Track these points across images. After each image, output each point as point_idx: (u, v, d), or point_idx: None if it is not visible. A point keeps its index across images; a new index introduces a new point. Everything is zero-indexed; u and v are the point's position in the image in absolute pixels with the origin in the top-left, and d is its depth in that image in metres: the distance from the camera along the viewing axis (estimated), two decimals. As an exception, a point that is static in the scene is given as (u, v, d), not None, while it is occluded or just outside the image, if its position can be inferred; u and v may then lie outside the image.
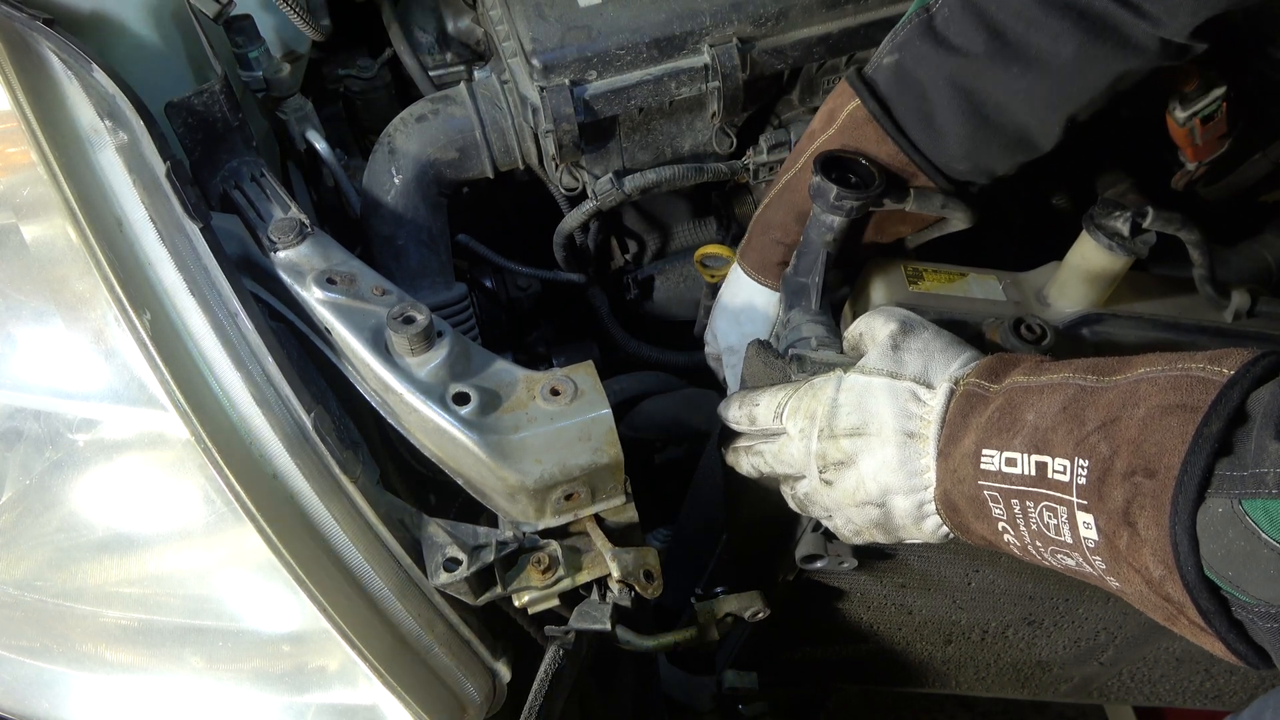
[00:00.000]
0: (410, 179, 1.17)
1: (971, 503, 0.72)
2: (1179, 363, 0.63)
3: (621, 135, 1.16)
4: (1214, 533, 0.56)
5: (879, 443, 0.77)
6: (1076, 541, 0.64)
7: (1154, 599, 0.62)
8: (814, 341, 0.93)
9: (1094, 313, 0.96)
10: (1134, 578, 0.62)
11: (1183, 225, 0.91)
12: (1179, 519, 0.57)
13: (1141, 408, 0.62)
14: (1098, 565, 0.64)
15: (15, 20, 0.83)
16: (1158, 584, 0.60)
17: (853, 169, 0.95)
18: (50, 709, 0.91)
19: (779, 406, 0.86)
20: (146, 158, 0.82)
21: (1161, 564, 0.58)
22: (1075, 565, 0.67)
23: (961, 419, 0.73)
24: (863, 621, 1.24)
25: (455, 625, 0.88)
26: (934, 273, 1.00)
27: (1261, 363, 0.59)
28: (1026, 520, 0.67)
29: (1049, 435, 0.66)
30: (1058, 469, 0.64)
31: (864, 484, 0.79)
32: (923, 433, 0.75)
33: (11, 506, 0.86)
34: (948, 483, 0.73)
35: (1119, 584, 0.64)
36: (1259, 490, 0.54)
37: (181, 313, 0.80)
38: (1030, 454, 0.66)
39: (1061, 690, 1.39)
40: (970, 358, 0.79)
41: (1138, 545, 0.59)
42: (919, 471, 0.76)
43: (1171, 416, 0.59)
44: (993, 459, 0.69)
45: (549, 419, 0.84)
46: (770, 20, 1.11)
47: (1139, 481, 0.59)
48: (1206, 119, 1.02)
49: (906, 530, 0.80)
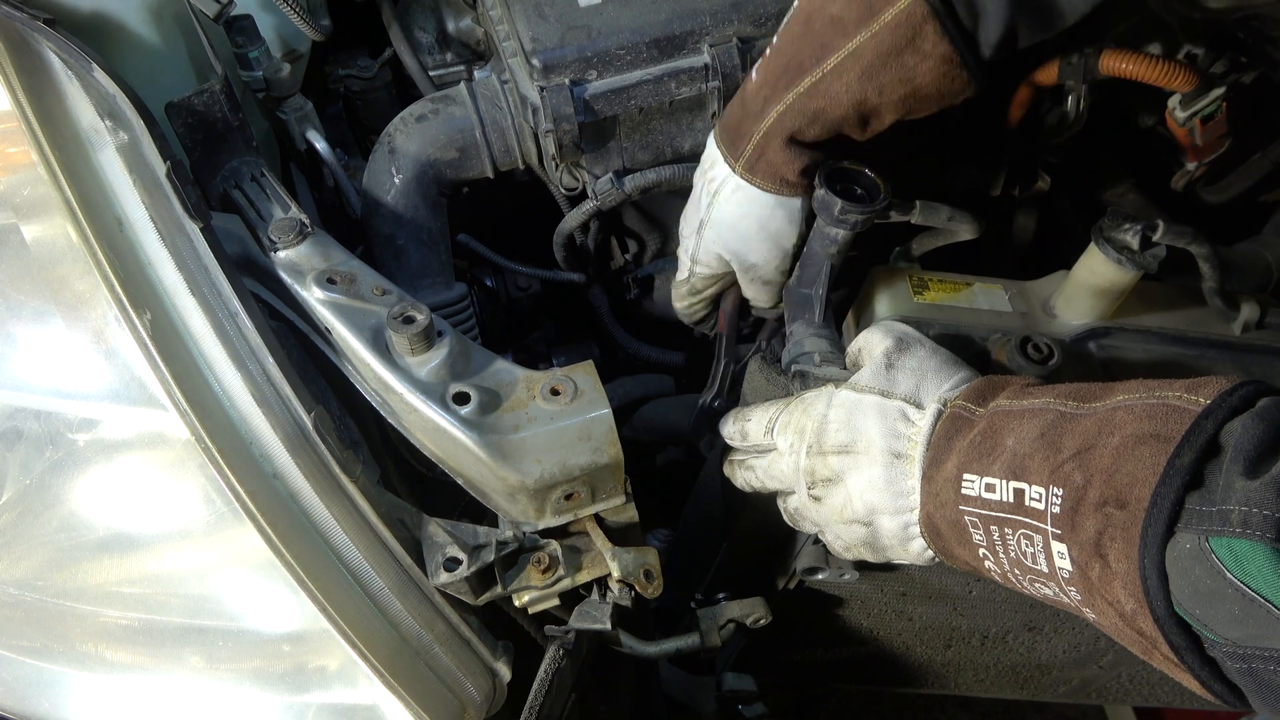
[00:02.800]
0: (410, 179, 1.17)
1: (953, 527, 0.71)
2: (1157, 390, 0.62)
3: (621, 135, 1.16)
4: (1182, 569, 0.55)
5: (866, 461, 0.77)
6: (1052, 571, 0.64)
7: (1128, 632, 0.61)
8: (817, 357, 0.92)
9: (1101, 326, 0.96)
10: (1108, 610, 0.61)
11: (1193, 239, 0.90)
12: (1148, 553, 0.56)
13: (1116, 436, 0.61)
14: (1073, 596, 0.64)
15: (15, 20, 0.83)
16: (1130, 618, 0.59)
17: (857, 181, 0.95)
18: (50, 709, 0.91)
19: (770, 421, 0.86)
20: (147, 158, 0.82)
21: (1132, 598, 0.58)
22: (1053, 595, 0.66)
23: (946, 442, 0.72)
24: (863, 627, 1.24)
25: (455, 625, 0.88)
26: (939, 283, 1.00)
27: (1239, 393, 0.58)
28: (1005, 547, 0.67)
29: (1026, 462, 0.65)
30: (1034, 497, 0.64)
31: (851, 502, 0.78)
32: (909, 453, 0.75)
33: (11, 506, 0.86)
34: (930, 506, 0.73)
35: (1095, 616, 0.64)
36: (1224, 528, 0.53)
37: (181, 313, 0.80)
38: (1009, 480, 0.66)
39: (1060, 692, 1.39)
40: (963, 379, 0.78)
41: (1109, 578, 0.59)
42: (905, 493, 0.75)
43: (1145, 446, 0.59)
44: (973, 484, 0.68)
45: (549, 419, 0.84)
46: (770, 20, 1.11)
47: (1110, 512, 0.58)
48: (1206, 119, 1.02)
49: (894, 550, 0.80)
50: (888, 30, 0.84)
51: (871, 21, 0.84)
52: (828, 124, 0.90)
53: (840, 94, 0.87)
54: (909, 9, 0.83)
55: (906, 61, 0.85)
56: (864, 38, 0.85)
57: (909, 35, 0.83)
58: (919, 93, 0.87)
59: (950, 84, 0.87)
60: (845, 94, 0.87)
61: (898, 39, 0.84)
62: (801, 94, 0.89)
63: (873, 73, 0.86)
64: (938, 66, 0.85)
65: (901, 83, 0.87)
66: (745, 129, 0.94)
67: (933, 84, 0.87)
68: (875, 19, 0.84)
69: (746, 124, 0.94)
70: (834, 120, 0.90)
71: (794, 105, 0.90)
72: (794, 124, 0.91)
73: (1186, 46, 1.13)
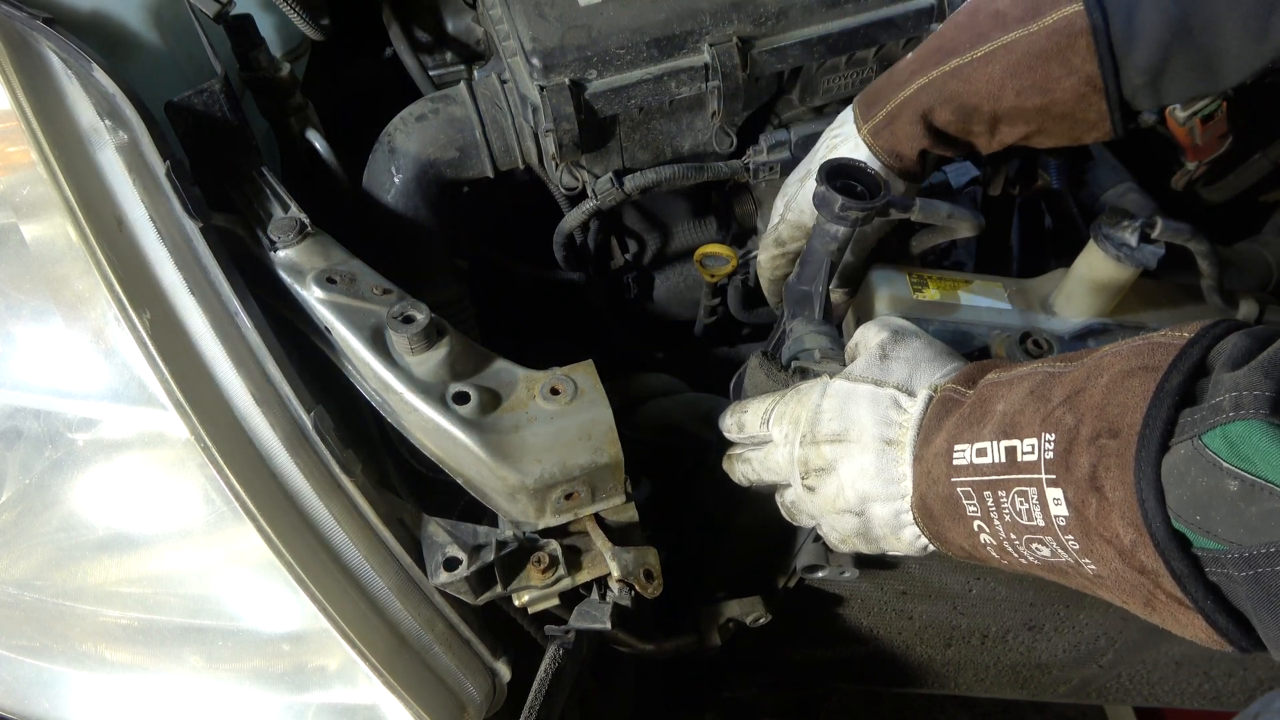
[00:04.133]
0: (410, 178, 1.17)
1: (945, 503, 0.71)
2: (1142, 335, 0.63)
3: (621, 135, 1.16)
4: (1178, 477, 0.54)
5: (858, 449, 0.77)
6: (1049, 524, 0.63)
7: (1129, 575, 0.60)
8: (817, 354, 0.92)
9: (1100, 323, 0.96)
10: (1107, 551, 0.60)
11: (1192, 236, 0.91)
12: (1143, 472, 0.55)
13: (1105, 376, 0.61)
14: (1071, 546, 0.63)
15: (15, 20, 0.83)
16: (1129, 553, 0.58)
17: (858, 177, 0.95)
18: (50, 709, 0.91)
19: (766, 413, 0.86)
20: (146, 157, 0.82)
21: (1131, 526, 0.57)
22: (1050, 555, 0.65)
23: (936, 422, 0.73)
24: (863, 626, 1.24)
25: (455, 625, 0.88)
26: (938, 280, 1.00)
27: (1221, 325, 0.59)
28: (1000, 511, 0.66)
29: (1017, 418, 0.65)
30: (1026, 450, 0.64)
31: (843, 491, 0.78)
32: (900, 439, 0.75)
33: (11, 506, 0.86)
34: (923, 486, 0.73)
35: (1094, 566, 0.63)
36: (1216, 418, 0.52)
37: (181, 312, 0.80)
38: (1000, 440, 0.66)
39: (1060, 691, 1.39)
40: (956, 367, 0.78)
41: (1106, 511, 0.58)
42: (896, 479, 0.75)
43: (1133, 379, 0.59)
44: (964, 452, 0.68)
45: (549, 418, 0.84)
46: (770, 20, 1.11)
47: (1104, 444, 0.58)
48: (1206, 119, 1.02)
49: (887, 540, 0.80)
50: (1045, 33, 0.85)
51: (1033, 21, 0.85)
52: (961, 110, 0.91)
53: (981, 82, 0.88)
54: (1071, 17, 0.84)
55: (1052, 70, 0.86)
56: (1020, 33, 0.86)
57: (1062, 44, 0.85)
58: (1053, 108, 0.88)
59: (1085, 109, 0.87)
60: (986, 83, 0.88)
61: (1051, 44, 0.85)
62: (946, 73, 0.90)
63: (1018, 70, 0.87)
64: (1079, 86, 0.86)
65: (1041, 91, 0.87)
66: (884, 96, 0.96)
67: (1069, 103, 0.87)
68: (1037, 19, 0.85)
69: (887, 91, 0.96)
70: (968, 108, 0.91)
71: (935, 81, 0.91)
72: (930, 101, 0.92)
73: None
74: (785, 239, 1.12)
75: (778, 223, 1.11)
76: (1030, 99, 0.88)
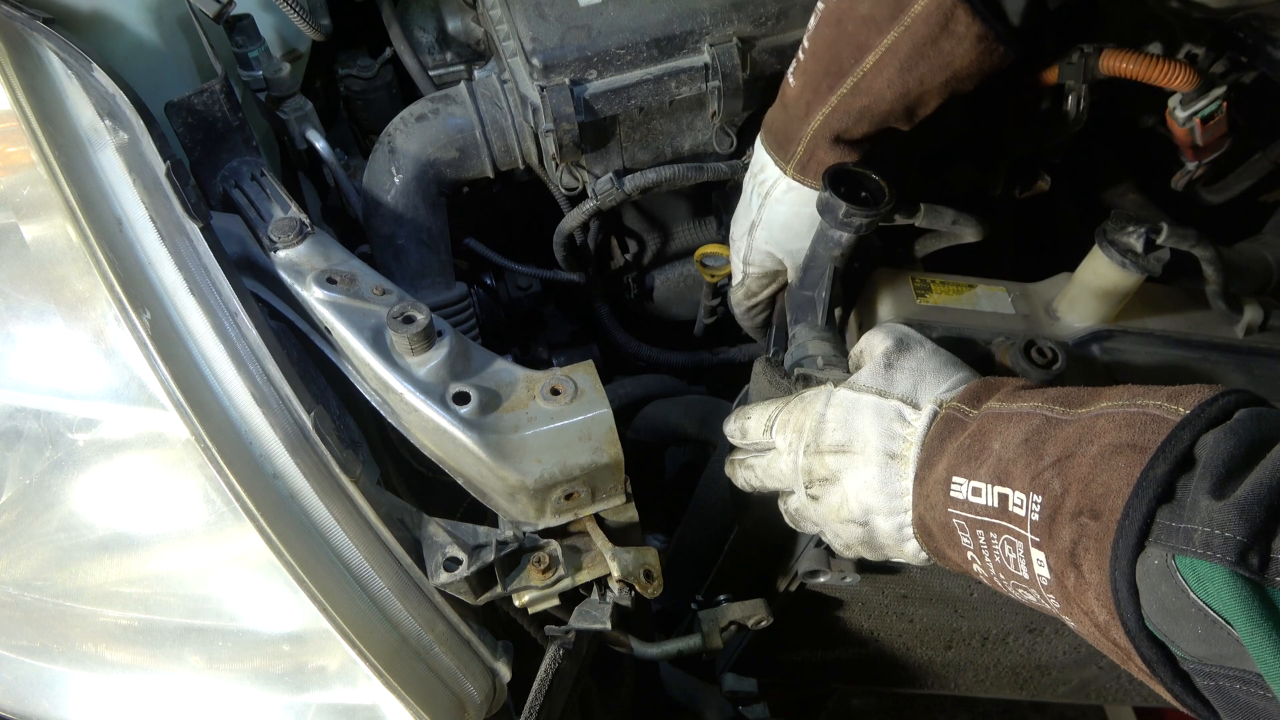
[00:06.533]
0: (410, 178, 1.17)
1: (943, 529, 0.71)
2: (1139, 398, 0.62)
3: (621, 135, 1.16)
4: (1151, 584, 0.55)
5: (862, 461, 0.77)
6: (1033, 578, 0.64)
7: (1104, 642, 0.61)
8: (820, 360, 0.92)
9: (1104, 329, 0.95)
10: (1084, 619, 0.61)
11: (1197, 242, 0.90)
12: (1119, 566, 0.56)
13: (1095, 445, 0.61)
14: (1052, 604, 0.64)
15: (15, 20, 0.83)
16: (1104, 629, 0.59)
17: (862, 184, 0.95)
18: (50, 709, 0.91)
19: (769, 420, 0.86)
20: (146, 157, 0.82)
21: (1105, 609, 0.58)
22: (1036, 601, 0.66)
23: (939, 443, 0.73)
24: (863, 628, 1.24)
25: (455, 625, 0.87)
26: (942, 284, 0.99)
27: (1219, 403, 0.58)
28: (991, 551, 0.67)
29: (1010, 467, 0.65)
30: (1016, 503, 0.64)
31: (847, 502, 0.78)
32: (904, 454, 0.75)
33: (11, 506, 0.86)
34: (922, 507, 0.73)
35: (1074, 624, 0.64)
36: (1188, 547, 0.53)
37: (181, 312, 0.80)
38: (994, 485, 0.66)
39: (1060, 692, 1.39)
40: (962, 379, 0.78)
41: (1084, 588, 0.59)
42: (899, 494, 0.75)
43: (1121, 456, 0.59)
44: (961, 487, 0.68)
45: (549, 418, 0.84)
46: (770, 20, 1.11)
47: (1085, 523, 0.58)
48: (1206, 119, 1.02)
49: (891, 550, 0.80)
50: (920, 21, 0.85)
51: (902, 15, 0.85)
52: (874, 120, 0.92)
53: (883, 89, 0.89)
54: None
55: (943, 48, 0.86)
56: (898, 32, 0.86)
57: (941, 23, 0.84)
58: (959, 74, 0.89)
59: (989, 59, 0.88)
60: (888, 89, 0.89)
61: (931, 28, 0.85)
62: (845, 94, 0.91)
63: (911, 64, 0.87)
64: (974, 46, 0.86)
65: (941, 69, 0.88)
66: (793, 132, 0.96)
67: (972, 63, 0.88)
68: (906, 12, 0.85)
69: (793, 127, 0.96)
70: (880, 115, 0.91)
71: (839, 106, 0.92)
72: (841, 124, 0.92)
73: (1187, 46, 1.14)
74: (756, 290, 1.13)
75: (742, 279, 1.12)
76: (934, 79, 0.88)
